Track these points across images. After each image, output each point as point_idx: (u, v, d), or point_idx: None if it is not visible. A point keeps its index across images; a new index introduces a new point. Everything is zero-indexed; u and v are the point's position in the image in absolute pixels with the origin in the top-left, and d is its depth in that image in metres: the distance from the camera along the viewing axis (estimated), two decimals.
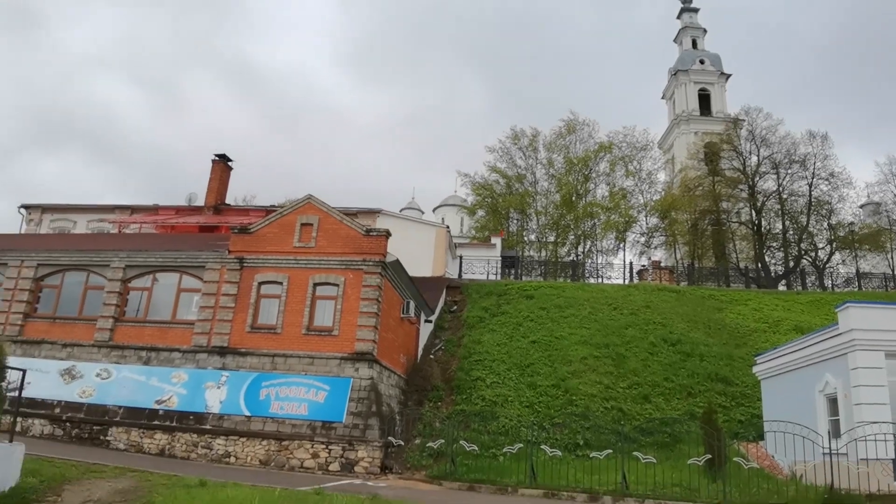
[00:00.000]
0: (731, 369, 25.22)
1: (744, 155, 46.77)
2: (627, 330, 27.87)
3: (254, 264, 22.35)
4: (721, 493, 15.51)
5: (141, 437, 20.32)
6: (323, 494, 11.17)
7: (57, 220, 38.83)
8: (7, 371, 11.07)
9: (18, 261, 24.77)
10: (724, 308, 31.33)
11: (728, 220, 47.67)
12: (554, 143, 51.72)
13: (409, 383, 24.95)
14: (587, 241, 50.19)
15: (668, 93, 68.78)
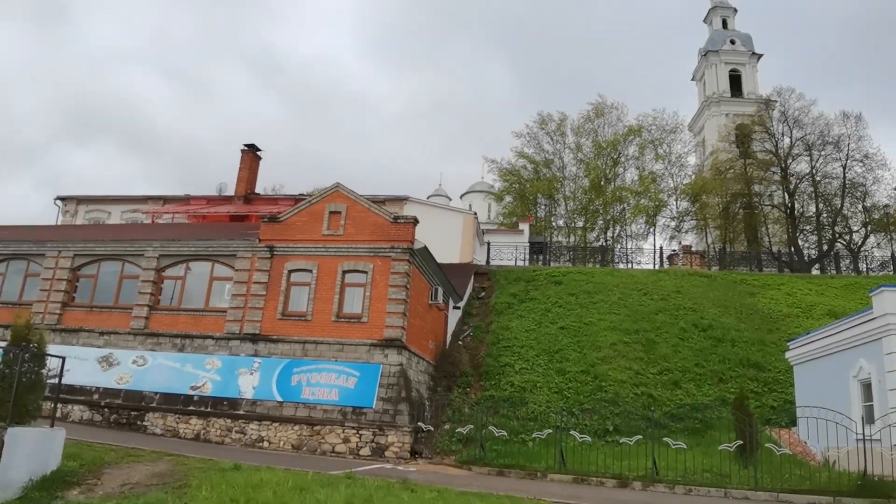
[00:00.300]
0: (764, 355, 24.90)
1: (776, 136, 45.83)
2: (658, 315, 27.65)
3: (284, 252, 22.62)
4: (752, 479, 15.39)
5: (177, 423, 20.80)
6: (354, 478, 11.36)
7: (92, 211, 39.69)
8: (47, 358, 11.45)
9: (56, 251, 25.42)
10: (757, 293, 30.88)
11: (760, 204, 46.82)
12: (582, 128, 51.28)
13: (438, 369, 25.10)
14: (616, 225, 49.79)
15: (697, 74, 67.52)
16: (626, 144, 50.19)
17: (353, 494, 9.13)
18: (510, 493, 12.21)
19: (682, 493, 15.28)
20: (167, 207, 37.97)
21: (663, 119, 50.93)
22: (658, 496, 14.43)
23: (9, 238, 27.26)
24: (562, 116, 51.77)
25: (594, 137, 50.68)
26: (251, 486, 9.52)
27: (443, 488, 11.14)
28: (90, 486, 10.45)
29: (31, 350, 11.01)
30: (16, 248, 26.42)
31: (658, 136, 50.49)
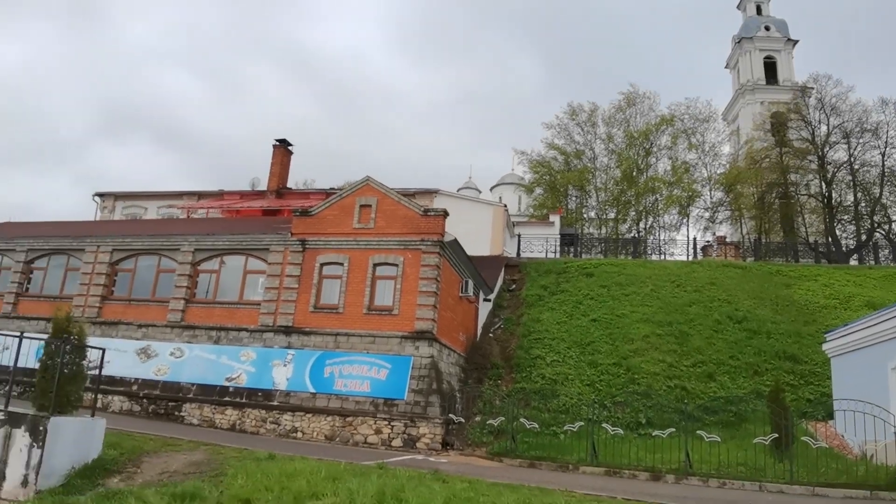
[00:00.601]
0: (800, 347, 24.44)
1: (813, 124, 44.71)
2: (691, 307, 27.30)
3: (315, 246, 22.85)
4: (788, 473, 15.17)
5: (213, 413, 21.22)
6: (386, 468, 11.48)
7: (129, 206, 40.56)
8: (87, 350, 11.77)
9: (95, 246, 26.06)
10: (793, 284, 30.28)
11: (796, 193, 45.80)
12: (613, 118, 50.72)
13: (469, 361, 25.16)
14: (649, 216, 49.21)
15: (731, 62, 66.16)
16: (659, 134, 49.52)
17: (384, 484, 9.23)
18: (541, 484, 12.20)
19: (715, 486, 15.13)
20: (202, 202, 38.62)
21: (696, 108, 50.15)
22: (692, 489, 14.30)
23: (50, 234, 28.04)
24: (592, 107, 51.30)
25: (626, 127, 50.11)
26: (285, 475, 9.69)
27: (474, 479, 11.20)
28: (130, 474, 10.75)
29: (71, 342, 11.31)
30: (56, 243, 27.16)
31: (691, 125, 49.73)
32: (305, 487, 8.90)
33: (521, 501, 9.14)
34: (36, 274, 27.41)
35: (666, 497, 11.97)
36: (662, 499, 11.52)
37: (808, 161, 44.94)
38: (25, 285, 27.22)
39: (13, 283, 26.94)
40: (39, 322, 24.94)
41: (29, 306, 26.47)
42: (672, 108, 50.24)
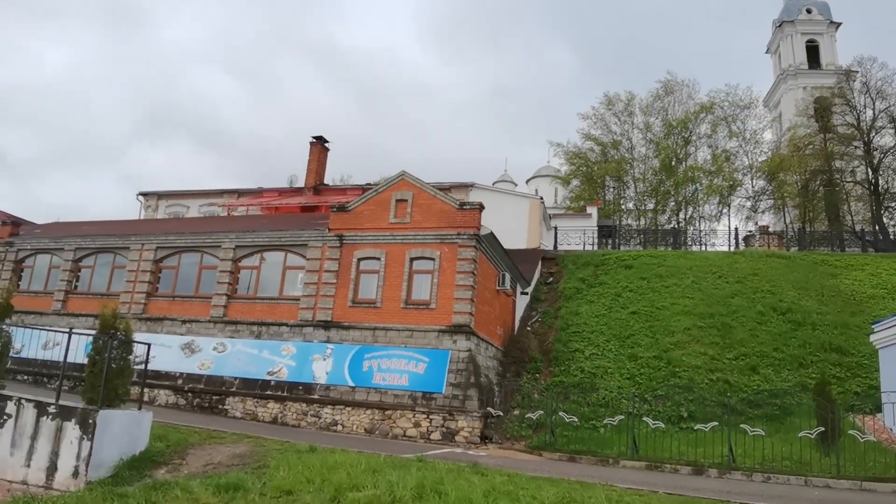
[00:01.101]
0: (846, 338, 23.76)
1: (858, 109, 43.31)
2: (733, 299, 26.74)
3: (352, 241, 23.04)
4: (834, 467, 14.81)
5: (255, 406, 21.60)
6: (425, 461, 11.53)
7: (171, 205, 41.48)
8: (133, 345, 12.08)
9: (139, 244, 26.73)
10: (839, 274, 29.43)
11: (842, 180, 44.47)
12: (651, 106, 49.91)
13: (507, 355, 25.11)
14: (688, 207, 48.34)
15: (772, 46, 64.43)
16: (698, 122, 48.56)
17: (424, 477, 9.28)
18: (581, 478, 12.14)
19: (760, 480, 14.85)
20: (241, 200, 39.27)
21: (736, 94, 49.01)
22: (735, 484, 14.04)
23: (96, 233, 28.86)
24: (629, 96, 50.55)
25: (664, 116, 49.26)
26: (326, 467, 9.81)
27: (514, 473, 11.18)
28: (176, 466, 11.02)
29: (118, 337, 11.62)
30: (103, 242, 27.94)
31: (731, 112, 48.60)
32: (346, 479, 9.00)
33: (562, 495, 9.09)
34: (84, 272, 28.26)
35: (709, 491, 11.77)
36: (705, 493, 11.33)
37: (853, 147, 43.60)
38: (74, 283, 28.09)
39: (62, 281, 27.84)
40: (88, 318, 25.69)
41: (77, 303, 27.32)
42: (711, 95, 49.26)
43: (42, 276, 28.98)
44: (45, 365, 23.62)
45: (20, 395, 11.36)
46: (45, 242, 29.35)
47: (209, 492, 8.56)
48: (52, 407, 10.92)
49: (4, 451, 10.96)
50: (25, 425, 10.96)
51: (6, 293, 14.10)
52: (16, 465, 10.79)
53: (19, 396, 11.31)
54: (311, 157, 38.73)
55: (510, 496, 8.89)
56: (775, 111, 59.06)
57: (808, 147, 44.69)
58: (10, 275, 29.20)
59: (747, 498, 11.18)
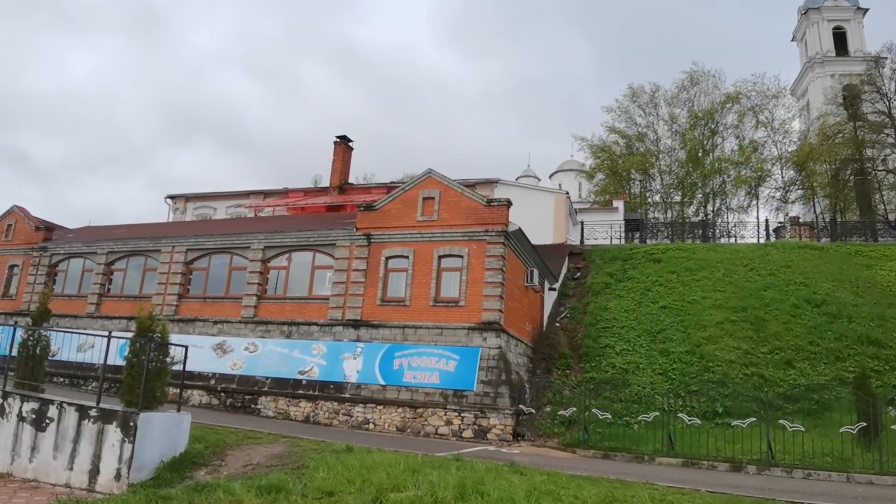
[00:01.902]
0: (884, 331, 23.22)
1: (889, 96, 42.33)
2: (766, 292, 26.30)
3: (380, 240, 23.07)
4: (877, 463, 14.49)
5: (287, 406, 21.75)
6: (463, 461, 11.50)
7: (199, 207, 41.91)
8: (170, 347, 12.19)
9: (170, 247, 27.05)
10: (874, 265, 28.80)
11: (873, 169, 43.49)
12: (676, 98, 49.13)
13: (537, 351, 24.99)
14: (716, 199, 47.58)
15: (798, 34, 63.13)
16: (724, 113, 47.72)
17: (464, 477, 9.24)
18: (618, 476, 12.03)
19: (800, 477, 14.60)
20: (268, 201, 39.54)
21: (763, 84, 48.02)
22: (775, 481, 13.80)
23: (127, 236, 29.27)
24: (654, 87, 49.81)
25: (689, 107, 48.48)
26: (365, 468, 9.81)
27: (552, 472, 11.10)
28: (215, 467, 11.10)
29: (155, 340, 11.74)
30: (134, 245, 28.32)
31: (759, 102, 47.67)
32: (386, 480, 8.99)
33: (604, 495, 8.99)
34: (116, 275, 28.69)
35: (750, 489, 11.59)
36: (747, 491, 11.16)
37: (884, 135, 42.66)
38: (107, 286, 28.53)
39: (95, 285, 28.29)
40: (121, 321, 26.13)
41: (111, 306, 27.74)
42: (737, 84, 48.38)
43: (75, 279, 29.47)
44: (81, 367, 24.04)
45: (61, 399, 11.53)
46: (78, 246, 29.84)
47: (251, 493, 8.59)
48: (93, 410, 11.04)
49: (47, 455, 11.12)
50: (67, 428, 11.10)
51: (43, 298, 14.32)
52: (59, 469, 10.94)
53: (61, 400, 11.47)
54: (336, 157, 38.86)
55: (552, 496, 8.81)
56: (803, 100, 57.93)
57: (837, 136, 43.80)
58: (45, 279, 29.75)
59: (790, 496, 10.98)
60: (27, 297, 29.68)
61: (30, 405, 11.65)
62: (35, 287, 29.47)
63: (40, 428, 11.34)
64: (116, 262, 28.74)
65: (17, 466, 11.34)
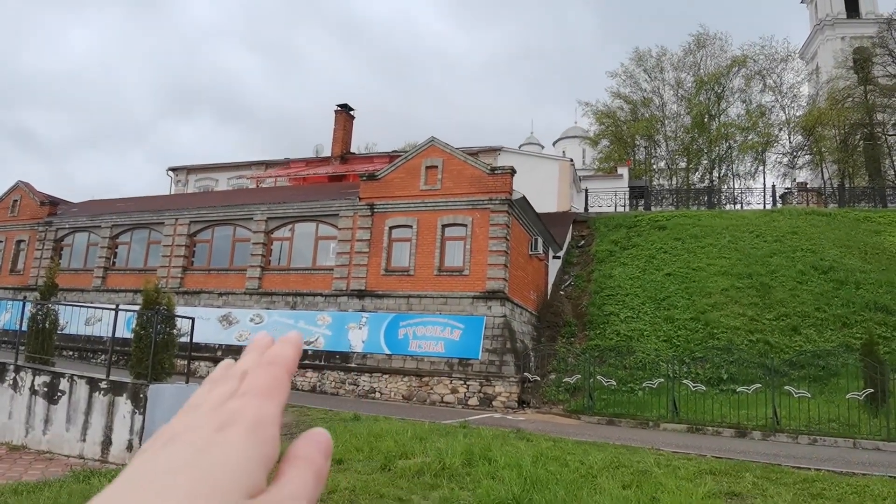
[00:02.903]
0: (892, 297, 23.13)
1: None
2: (772, 258, 26.18)
3: (384, 209, 22.96)
4: (884, 430, 14.53)
5: (294, 376, 21.82)
6: (470, 428, 11.57)
7: (201, 179, 41.77)
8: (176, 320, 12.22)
9: (173, 219, 26.99)
10: (883, 231, 28.59)
11: (884, 133, 42.88)
12: (682, 62, 48.39)
13: (541, 320, 25.03)
14: (722, 164, 47.18)
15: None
16: (731, 77, 47.04)
17: (471, 443, 9.29)
18: (623, 442, 12.11)
19: (806, 443, 14.68)
20: (269, 172, 39.35)
21: (772, 47, 47.22)
22: (781, 446, 13.87)
23: (131, 210, 29.21)
24: (661, 51, 49.00)
25: (696, 72, 47.82)
26: (373, 436, 9.87)
27: (558, 438, 11.17)
28: None
29: (162, 312, 11.75)
30: (138, 218, 28.27)
31: (767, 65, 46.92)
32: (394, 447, 9.04)
33: (610, 460, 9.04)
34: (121, 248, 28.72)
35: (756, 454, 11.65)
36: (753, 456, 11.21)
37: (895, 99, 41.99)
38: (112, 259, 28.58)
39: (101, 258, 28.33)
40: (127, 294, 26.20)
41: (116, 279, 27.83)
42: (745, 48, 47.63)
43: (81, 253, 29.53)
44: (89, 340, 24.14)
45: (72, 372, 11.60)
46: (83, 221, 29.82)
47: None
48: (103, 382, 11.12)
49: (60, 427, 11.25)
50: (79, 401, 11.21)
51: (50, 272, 14.33)
52: (72, 440, 11.07)
53: (71, 373, 11.55)
54: (337, 126, 38.49)
55: (558, 461, 8.86)
56: (812, 63, 56.97)
57: (847, 100, 43.12)
58: (52, 253, 29.81)
59: (796, 461, 11.03)
60: (34, 271, 29.78)
61: (41, 378, 11.74)
62: (42, 262, 29.54)
63: (52, 401, 11.45)
64: (121, 236, 28.73)
65: (31, 439, 11.47)
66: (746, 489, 8.14)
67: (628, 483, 7.93)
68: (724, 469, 9.29)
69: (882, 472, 9.96)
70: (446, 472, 8.00)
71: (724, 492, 7.96)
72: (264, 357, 0.50)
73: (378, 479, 7.77)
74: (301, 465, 0.45)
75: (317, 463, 0.46)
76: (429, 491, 7.33)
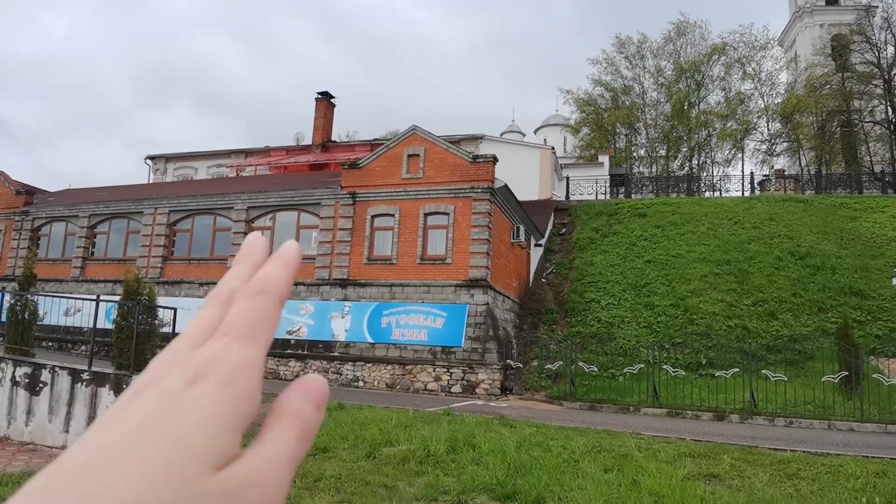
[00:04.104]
0: (867, 282, 23.62)
1: (878, 46, 41.95)
2: (750, 245, 26.55)
3: (366, 198, 22.92)
4: (858, 411, 14.88)
5: (277, 365, 21.87)
6: (453, 415, 11.68)
7: (180, 168, 41.33)
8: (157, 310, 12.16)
9: (152, 209, 26.72)
10: (858, 217, 29.08)
11: (860, 121, 43.45)
12: (662, 49, 48.62)
13: (523, 307, 25.19)
14: (701, 152, 47.59)
15: None
16: (711, 65, 47.37)
17: (455, 430, 9.39)
18: (605, 427, 12.28)
19: (782, 425, 14.99)
20: (250, 160, 39.01)
21: (751, 35, 47.54)
22: (758, 429, 14.18)
23: (109, 199, 28.84)
24: (642, 38, 49.20)
25: (676, 59, 48.09)
26: (358, 424, 9.94)
27: (541, 424, 11.31)
28: None
29: (143, 303, 11.69)
30: (116, 207, 27.94)
31: (746, 53, 47.28)
32: (379, 435, 9.12)
33: (592, 444, 9.19)
34: (99, 238, 28.39)
35: (734, 437, 11.89)
36: (731, 439, 11.44)
37: (872, 86, 42.49)
38: (90, 249, 28.25)
39: (79, 248, 28.00)
40: (107, 284, 25.95)
41: (95, 269, 27.53)
42: (724, 36, 47.96)
43: (59, 243, 29.15)
44: (69, 331, 23.93)
45: (54, 363, 11.51)
46: (60, 210, 29.41)
47: None
48: (85, 374, 11.04)
49: (43, 419, 11.17)
50: (61, 392, 11.14)
51: (28, 262, 14.17)
52: (55, 432, 11.00)
53: (53, 364, 11.46)
54: (318, 114, 38.20)
55: (541, 447, 8.99)
56: (791, 51, 57.45)
57: (825, 87, 43.57)
58: (29, 243, 29.37)
59: (773, 443, 11.27)
60: (11, 262, 29.33)
61: (23, 370, 11.63)
62: (19, 252, 29.09)
63: (34, 392, 11.37)
64: (99, 225, 28.39)
65: (13, 430, 11.38)
66: (724, 471, 8.33)
67: (610, 467, 8.08)
68: (703, 452, 9.49)
69: (855, 452, 10.23)
70: (431, 459, 8.09)
71: (703, 474, 8.15)
72: (253, 282, 0.43)
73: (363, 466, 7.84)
74: (286, 421, 0.39)
75: (305, 417, 0.40)
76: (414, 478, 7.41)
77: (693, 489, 7.07)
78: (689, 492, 6.94)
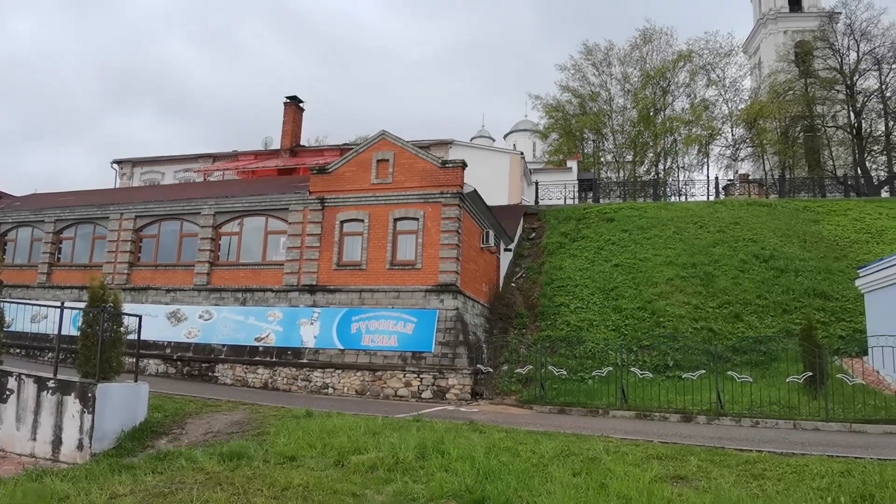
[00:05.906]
0: (830, 283, 24.19)
1: (841, 52, 43.00)
2: (715, 248, 27.03)
3: (335, 203, 22.79)
4: (823, 411, 15.18)
5: (245, 373, 21.60)
6: (423, 422, 11.65)
7: (147, 172, 40.61)
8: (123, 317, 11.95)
9: (119, 214, 26.23)
10: (821, 220, 29.79)
11: (823, 126, 44.54)
12: (629, 56, 49.34)
13: (493, 312, 25.27)
14: (667, 158, 48.35)
15: None
16: (676, 71, 48.17)
17: (424, 437, 9.37)
18: (574, 430, 12.37)
19: (748, 426, 15.21)
20: (217, 165, 38.51)
21: (716, 42, 48.46)
22: (725, 429, 14.39)
23: (75, 204, 28.25)
24: (609, 45, 49.87)
25: (642, 66, 48.82)
26: (326, 432, 9.87)
27: (511, 428, 11.35)
28: (176, 436, 11.01)
29: (109, 310, 11.47)
30: (82, 212, 27.38)
31: (711, 60, 48.18)
32: (347, 443, 9.06)
33: (561, 448, 9.25)
34: (65, 243, 27.81)
35: (701, 438, 12.06)
36: (698, 440, 11.60)
37: (835, 91, 43.58)
38: (56, 255, 27.66)
39: (45, 254, 27.41)
40: (73, 290, 25.44)
41: (62, 275, 26.95)
42: (690, 43, 48.83)
43: (25, 249, 28.52)
44: (36, 338, 23.28)
45: (20, 371, 11.32)
46: (26, 215, 28.74)
47: (214, 460, 8.56)
48: (51, 381, 10.90)
49: (11, 426, 11.05)
50: (27, 400, 11.00)
51: None
52: (23, 439, 10.87)
53: (19, 372, 11.28)
54: (286, 119, 37.86)
55: (510, 451, 9.02)
56: (755, 57, 58.70)
57: (788, 93, 44.56)
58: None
59: (739, 444, 11.45)
60: None
61: None
62: None
63: (2, 399, 11.19)
64: (65, 231, 27.77)
65: None
66: (692, 472, 8.44)
67: (578, 470, 8.14)
68: (671, 454, 9.61)
69: (820, 452, 10.44)
70: (400, 467, 8.07)
71: (671, 475, 8.24)
72: None
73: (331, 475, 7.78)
74: None
75: None
76: (382, 485, 7.38)
77: (660, 491, 7.16)
78: (657, 494, 7.03)
